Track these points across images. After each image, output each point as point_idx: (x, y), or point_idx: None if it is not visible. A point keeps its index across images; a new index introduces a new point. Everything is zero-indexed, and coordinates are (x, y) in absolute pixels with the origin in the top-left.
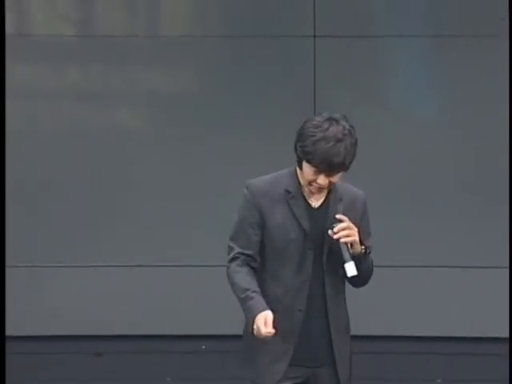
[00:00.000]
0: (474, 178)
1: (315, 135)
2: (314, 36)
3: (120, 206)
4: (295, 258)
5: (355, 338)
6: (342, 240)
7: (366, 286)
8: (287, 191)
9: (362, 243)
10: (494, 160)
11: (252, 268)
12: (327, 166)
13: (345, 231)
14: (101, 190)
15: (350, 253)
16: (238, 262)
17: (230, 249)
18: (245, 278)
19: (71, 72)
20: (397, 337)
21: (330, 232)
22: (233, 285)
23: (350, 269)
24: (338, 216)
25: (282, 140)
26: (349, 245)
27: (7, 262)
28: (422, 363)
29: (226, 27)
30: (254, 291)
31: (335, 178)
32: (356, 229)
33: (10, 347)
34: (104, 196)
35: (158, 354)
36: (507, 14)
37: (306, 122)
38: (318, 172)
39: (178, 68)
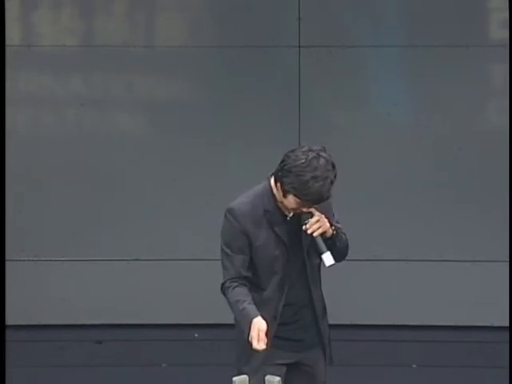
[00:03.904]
0: (467, 175)
1: (304, 175)
2: (299, 46)
3: (119, 205)
4: (279, 271)
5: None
6: (315, 233)
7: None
8: (266, 211)
9: (331, 225)
10: (484, 158)
11: (243, 284)
12: (317, 202)
13: (316, 224)
14: (101, 190)
15: (325, 244)
16: (230, 282)
17: (223, 275)
18: (238, 292)
19: (73, 80)
20: (383, 325)
21: (304, 228)
22: (229, 301)
23: (328, 259)
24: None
25: (268, 147)
26: (322, 235)
27: (14, 256)
28: (399, 350)
29: (217, 38)
30: (244, 300)
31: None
32: (324, 217)
33: (15, 335)
34: (104, 195)
35: (154, 341)
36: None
37: (289, 157)
38: (305, 204)
39: (172, 76)
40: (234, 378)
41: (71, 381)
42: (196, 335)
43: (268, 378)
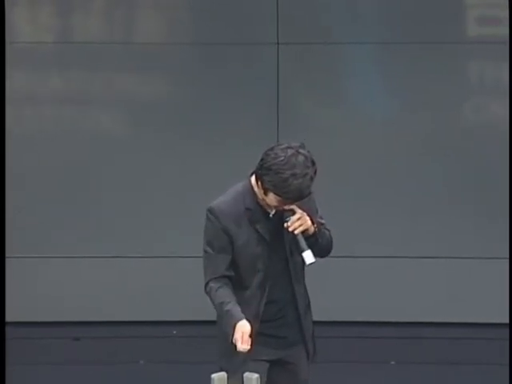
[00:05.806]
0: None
1: (283, 172)
2: (278, 43)
3: (99, 204)
4: (261, 269)
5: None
6: (296, 231)
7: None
8: (248, 209)
9: (313, 222)
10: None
11: (226, 284)
12: (298, 199)
13: (298, 221)
14: (81, 188)
15: (305, 242)
16: (214, 282)
17: (205, 274)
18: (222, 293)
19: (52, 76)
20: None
21: (285, 225)
22: (213, 303)
23: (308, 257)
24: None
25: (246, 145)
26: (303, 233)
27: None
28: (378, 346)
29: (195, 35)
30: (229, 302)
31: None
32: (306, 214)
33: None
34: (84, 194)
35: (132, 338)
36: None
37: (268, 156)
38: (286, 202)
39: (150, 73)
40: (213, 375)
41: (51, 378)
42: (174, 332)
43: (246, 375)
